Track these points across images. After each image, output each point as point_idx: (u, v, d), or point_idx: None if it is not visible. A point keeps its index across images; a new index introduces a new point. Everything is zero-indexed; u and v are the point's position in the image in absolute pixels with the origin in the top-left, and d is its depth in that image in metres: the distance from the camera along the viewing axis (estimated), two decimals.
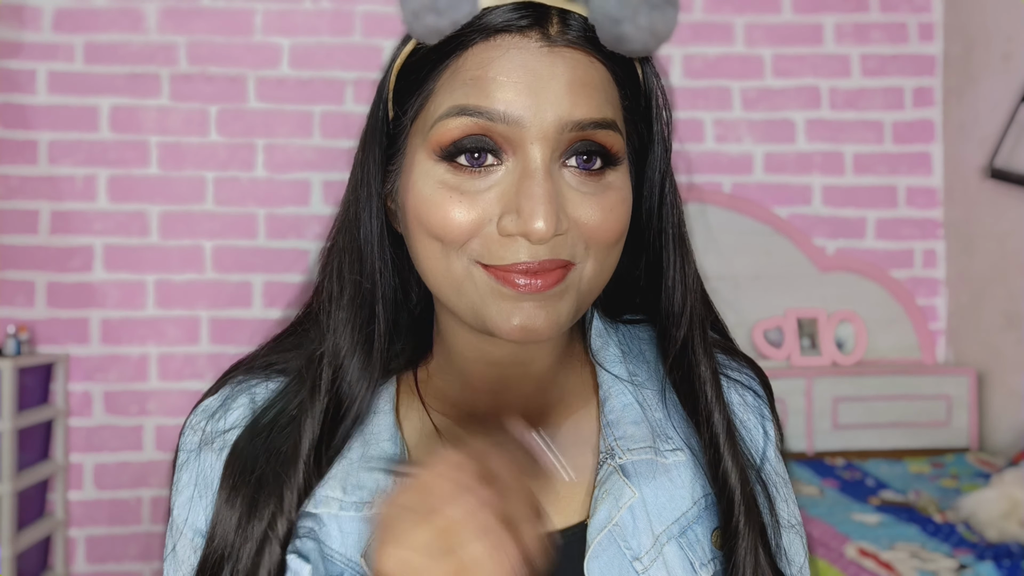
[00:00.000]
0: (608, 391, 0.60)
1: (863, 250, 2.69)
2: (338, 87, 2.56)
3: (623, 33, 0.48)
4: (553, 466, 0.52)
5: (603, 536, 0.54)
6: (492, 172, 0.49)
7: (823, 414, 2.49)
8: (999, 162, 2.41)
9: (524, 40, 0.49)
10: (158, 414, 2.47)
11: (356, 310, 0.55)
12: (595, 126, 0.49)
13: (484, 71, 0.48)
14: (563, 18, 0.49)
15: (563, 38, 0.49)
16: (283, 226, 2.53)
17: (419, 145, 0.51)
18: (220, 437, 0.56)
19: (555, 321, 0.50)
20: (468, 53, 0.49)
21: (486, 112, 0.48)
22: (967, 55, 2.59)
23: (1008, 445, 2.40)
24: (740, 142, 2.68)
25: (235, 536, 0.53)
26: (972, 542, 1.68)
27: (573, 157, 0.50)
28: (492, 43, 0.49)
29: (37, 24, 2.47)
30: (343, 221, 0.57)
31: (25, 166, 2.46)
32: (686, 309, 0.57)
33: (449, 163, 0.49)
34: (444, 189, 0.49)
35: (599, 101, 0.49)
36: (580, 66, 0.49)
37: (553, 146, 0.48)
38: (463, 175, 0.49)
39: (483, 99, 0.48)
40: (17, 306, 2.45)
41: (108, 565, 2.44)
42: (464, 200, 0.49)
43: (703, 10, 2.68)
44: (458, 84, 0.49)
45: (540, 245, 0.48)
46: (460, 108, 0.48)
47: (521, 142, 0.48)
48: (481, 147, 0.49)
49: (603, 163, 0.50)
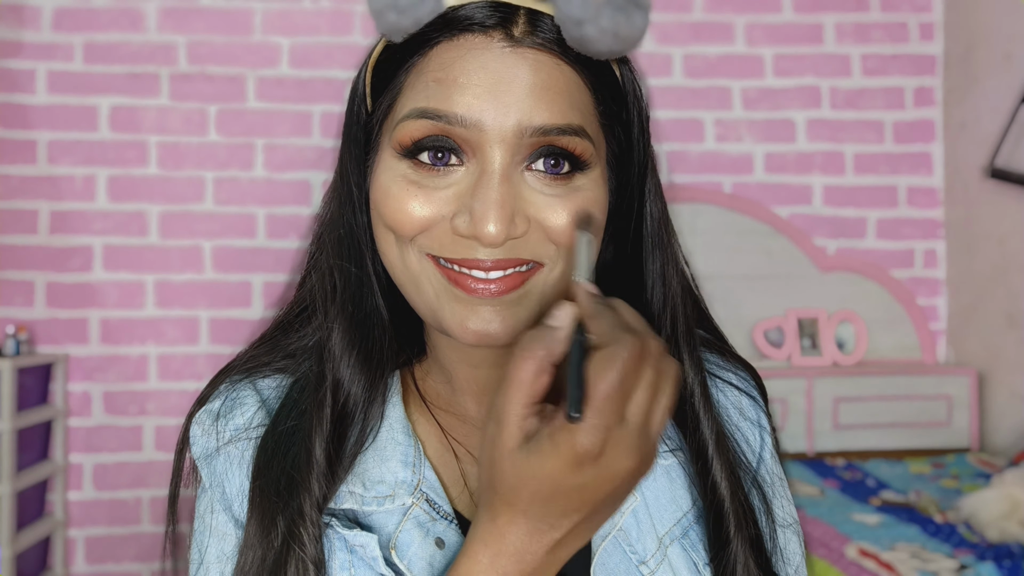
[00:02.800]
0: None
1: (864, 250, 2.69)
2: (338, 87, 2.55)
3: (585, 35, 0.47)
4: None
5: (608, 543, 0.54)
6: (452, 172, 0.49)
7: (824, 414, 2.49)
8: (1000, 162, 2.41)
9: (487, 40, 0.48)
10: (157, 414, 2.47)
11: (352, 306, 0.55)
12: (558, 132, 0.48)
13: (446, 72, 0.48)
14: (531, 19, 0.48)
15: (529, 39, 0.48)
16: (283, 226, 2.53)
17: (386, 143, 0.51)
18: (238, 434, 0.56)
19: (512, 327, 0.49)
20: (433, 52, 0.49)
21: (445, 116, 0.47)
22: (968, 55, 2.59)
23: (1009, 445, 2.39)
24: (740, 142, 2.68)
25: (261, 537, 0.52)
26: (973, 542, 1.67)
27: (540, 160, 0.49)
28: (456, 42, 0.48)
29: (37, 24, 2.47)
30: (328, 219, 0.57)
31: (24, 166, 2.46)
32: (666, 310, 0.56)
33: (411, 160, 0.49)
34: (404, 183, 0.49)
35: (563, 106, 0.48)
36: (544, 69, 0.48)
37: (513, 151, 0.48)
38: (423, 172, 0.49)
39: (443, 102, 0.48)
40: (16, 306, 2.45)
41: (107, 565, 2.44)
42: (421, 194, 0.49)
43: (703, 10, 2.67)
44: (421, 85, 0.49)
45: (492, 248, 0.48)
46: (421, 111, 0.48)
47: (480, 145, 0.48)
48: (442, 146, 0.49)
49: (571, 167, 0.49)
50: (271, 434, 0.55)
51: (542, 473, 0.41)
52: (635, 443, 0.41)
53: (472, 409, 0.59)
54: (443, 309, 0.50)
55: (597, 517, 0.44)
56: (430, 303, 0.50)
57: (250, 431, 0.56)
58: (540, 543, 0.43)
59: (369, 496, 0.54)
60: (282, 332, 0.61)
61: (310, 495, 0.51)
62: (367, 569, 0.52)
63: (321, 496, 0.52)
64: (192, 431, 0.57)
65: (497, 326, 0.49)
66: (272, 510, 0.52)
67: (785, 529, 0.60)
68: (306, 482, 0.52)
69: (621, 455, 0.41)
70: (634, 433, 0.41)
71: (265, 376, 0.59)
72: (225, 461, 0.55)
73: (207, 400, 0.58)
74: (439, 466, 0.57)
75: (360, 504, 0.53)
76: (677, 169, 2.64)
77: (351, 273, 0.55)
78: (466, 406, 0.59)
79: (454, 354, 0.57)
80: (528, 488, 0.41)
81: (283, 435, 0.54)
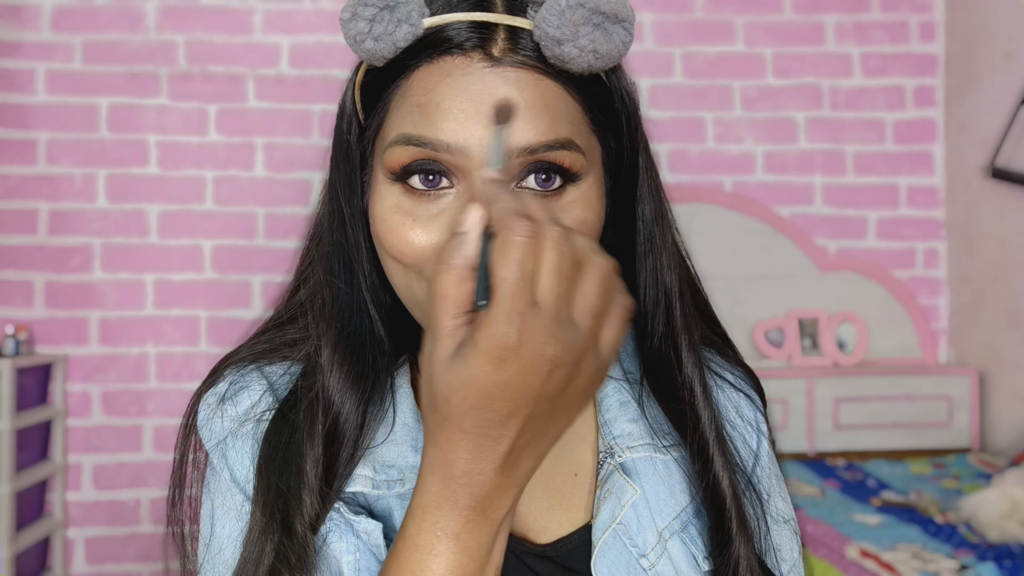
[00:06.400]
0: (603, 390, 0.60)
1: (864, 250, 2.69)
2: (338, 86, 2.53)
3: (564, 54, 0.47)
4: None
5: (608, 535, 0.55)
6: (443, 196, 0.49)
7: (824, 414, 2.49)
8: (1000, 162, 2.41)
9: (467, 61, 0.48)
10: (157, 414, 2.47)
11: (340, 324, 0.55)
12: (546, 148, 0.48)
13: (428, 97, 0.48)
14: (510, 36, 0.48)
15: (509, 57, 0.48)
16: (282, 226, 2.52)
17: (378, 164, 0.52)
18: (245, 418, 0.56)
19: None
20: (415, 76, 0.49)
21: (430, 143, 0.48)
22: (968, 54, 2.59)
23: (1009, 445, 2.39)
24: (741, 142, 2.67)
25: (260, 535, 0.52)
26: (973, 543, 1.67)
27: (531, 176, 0.49)
28: (436, 66, 0.49)
29: (36, 23, 2.47)
30: (318, 235, 0.58)
31: (24, 166, 2.46)
32: (658, 309, 0.57)
33: (403, 185, 0.50)
34: (399, 214, 0.50)
35: (549, 122, 0.48)
36: (528, 87, 0.48)
37: None
38: (415, 199, 0.49)
39: (427, 129, 0.48)
40: (16, 306, 2.44)
41: (107, 566, 2.44)
42: (417, 226, 0.49)
43: (703, 10, 2.67)
44: (406, 109, 0.49)
45: None
46: (407, 137, 0.48)
47: (467, 170, 0.48)
48: (431, 169, 0.49)
49: (563, 180, 0.49)
50: (278, 423, 0.55)
51: (468, 376, 0.38)
52: (551, 328, 0.38)
53: None
54: None
55: (539, 424, 0.41)
56: None
57: (257, 415, 0.56)
58: (487, 460, 0.41)
59: (379, 479, 0.54)
60: (278, 327, 0.61)
61: (302, 516, 0.51)
62: (371, 556, 0.52)
63: (314, 514, 0.51)
64: (199, 414, 0.57)
65: None
66: (271, 511, 0.52)
67: (781, 527, 0.60)
68: (297, 499, 0.51)
69: (539, 341, 0.38)
70: (548, 317, 0.38)
71: (272, 362, 0.59)
72: (232, 444, 0.55)
73: (214, 383, 0.58)
74: None
75: (370, 487, 0.54)
76: (677, 169, 2.63)
77: (340, 290, 0.56)
78: None
79: None
80: (458, 395, 0.39)
81: (288, 431, 0.54)
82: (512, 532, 0.56)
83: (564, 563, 0.55)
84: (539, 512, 0.57)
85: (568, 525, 0.57)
